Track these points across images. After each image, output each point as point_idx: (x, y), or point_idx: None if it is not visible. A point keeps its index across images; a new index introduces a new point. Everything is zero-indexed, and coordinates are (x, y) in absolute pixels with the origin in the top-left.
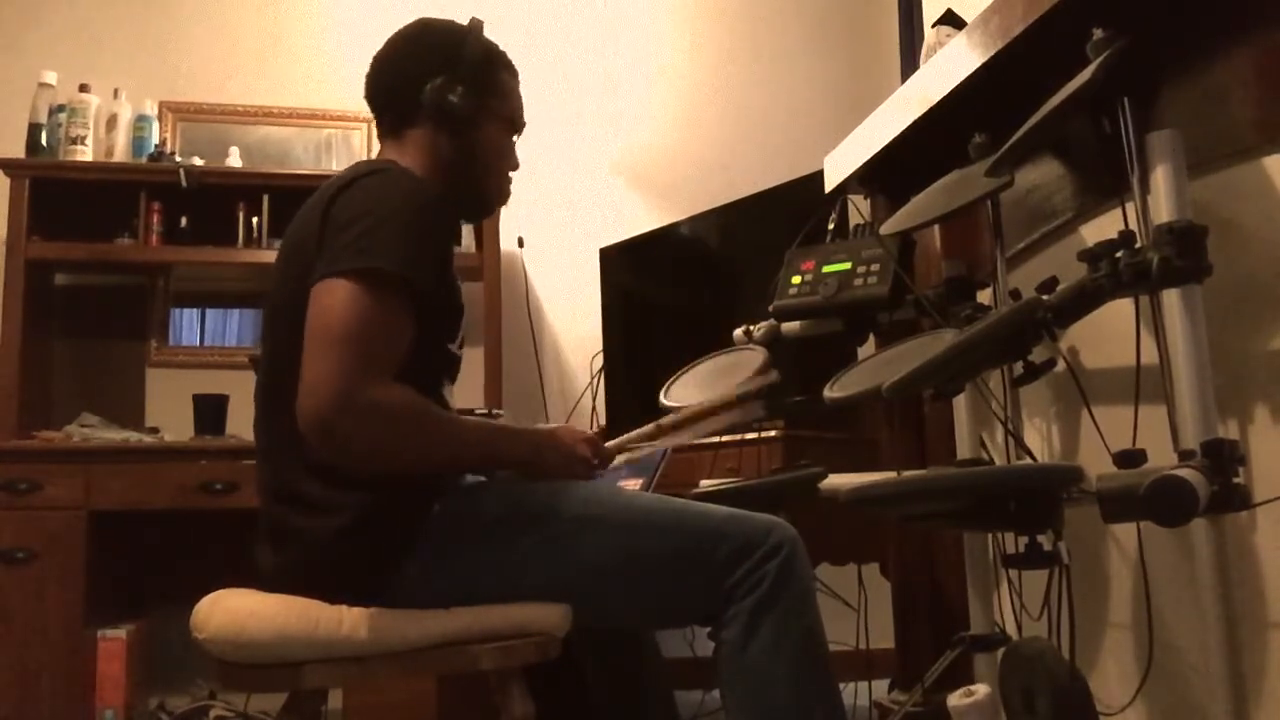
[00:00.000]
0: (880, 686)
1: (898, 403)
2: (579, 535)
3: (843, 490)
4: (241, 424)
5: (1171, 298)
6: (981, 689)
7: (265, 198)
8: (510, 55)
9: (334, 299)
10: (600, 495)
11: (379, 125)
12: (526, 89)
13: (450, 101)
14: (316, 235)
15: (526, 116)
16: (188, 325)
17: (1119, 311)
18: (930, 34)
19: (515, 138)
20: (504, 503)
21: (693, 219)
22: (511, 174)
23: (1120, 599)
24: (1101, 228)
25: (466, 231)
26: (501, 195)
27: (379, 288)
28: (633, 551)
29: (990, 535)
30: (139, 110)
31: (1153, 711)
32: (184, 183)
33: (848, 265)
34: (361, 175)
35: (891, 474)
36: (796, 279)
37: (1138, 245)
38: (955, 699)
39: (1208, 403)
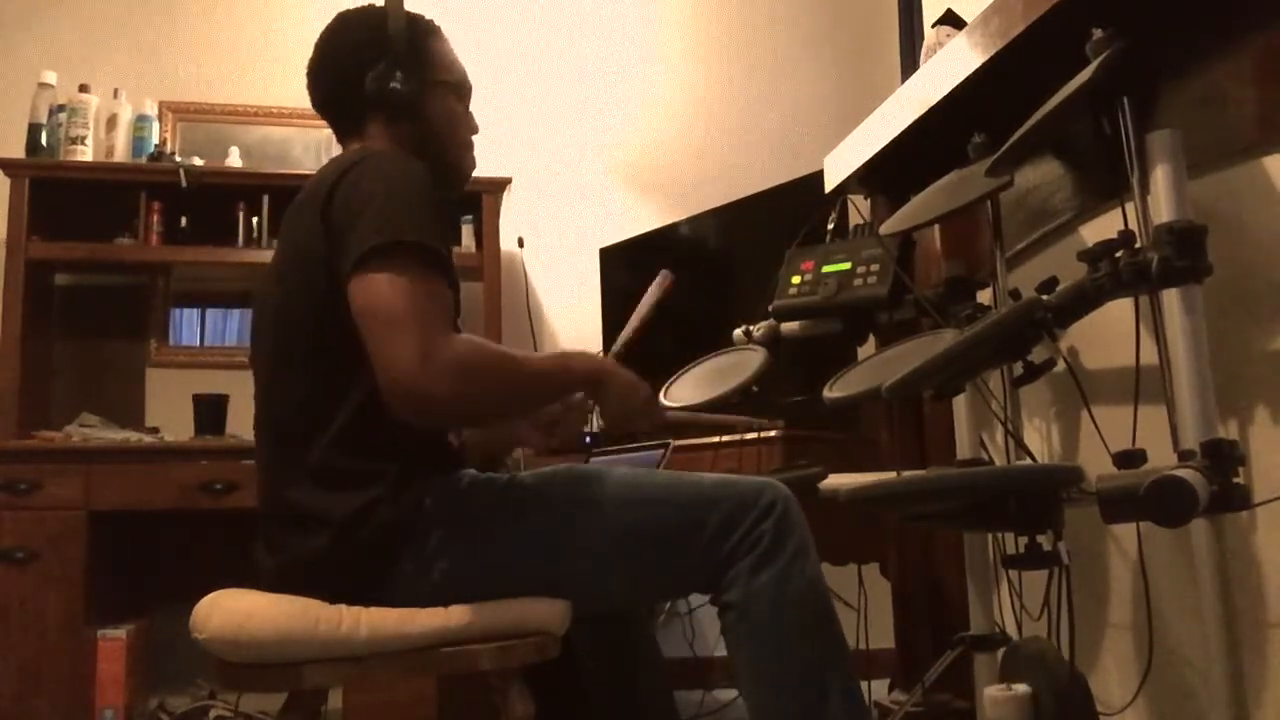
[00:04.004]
0: (880, 686)
1: (898, 403)
2: (571, 519)
3: (843, 490)
4: (241, 424)
5: (1171, 298)
6: (1021, 688)
7: (265, 198)
8: (510, 56)
9: (377, 287)
10: (588, 476)
11: (335, 130)
12: (528, 89)
13: (392, 89)
14: (321, 235)
15: (527, 115)
16: (188, 325)
17: (1119, 311)
18: (930, 34)
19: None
20: (493, 494)
21: (693, 219)
22: (473, 138)
23: (1120, 599)
24: (1101, 228)
25: (467, 231)
26: (467, 164)
27: (412, 260)
28: (628, 529)
29: (990, 535)
30: (139, 110)
31: (1153, 711)
32: (184, 183)
33: (848, 265)
34: (350, 167)
35: (891, 474)
36: (796, 279)
37: (1137, 245)
38: (994, 690)
39: (1208, 403)
